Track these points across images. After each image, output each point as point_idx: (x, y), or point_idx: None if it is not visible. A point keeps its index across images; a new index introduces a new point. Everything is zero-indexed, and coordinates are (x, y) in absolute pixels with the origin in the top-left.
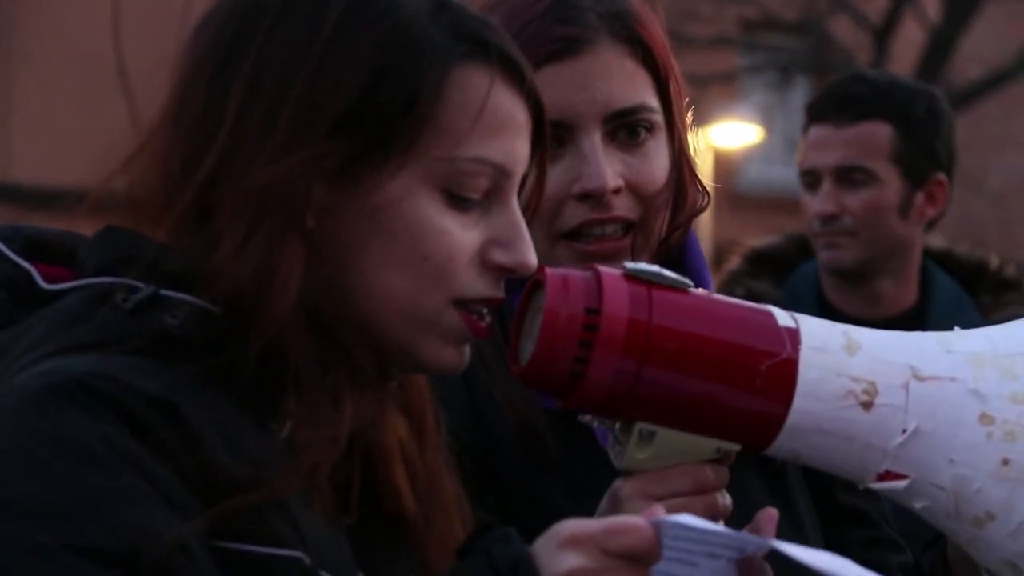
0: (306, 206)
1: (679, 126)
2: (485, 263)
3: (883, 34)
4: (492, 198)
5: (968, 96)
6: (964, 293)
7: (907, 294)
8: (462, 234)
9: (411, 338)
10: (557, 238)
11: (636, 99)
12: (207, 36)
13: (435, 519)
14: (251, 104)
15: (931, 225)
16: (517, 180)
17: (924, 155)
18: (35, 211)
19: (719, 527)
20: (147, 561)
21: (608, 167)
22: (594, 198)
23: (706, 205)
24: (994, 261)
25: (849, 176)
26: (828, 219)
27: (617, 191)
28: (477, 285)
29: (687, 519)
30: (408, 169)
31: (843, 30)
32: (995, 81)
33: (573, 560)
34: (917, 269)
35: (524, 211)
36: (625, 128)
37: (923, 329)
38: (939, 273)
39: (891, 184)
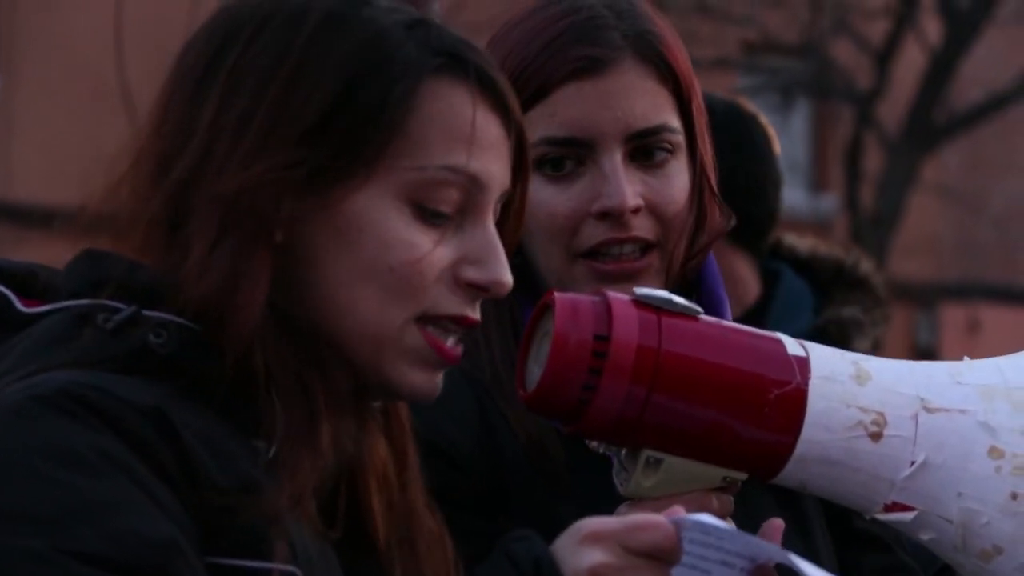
0: (274, 216)
1: (701, 147)
2: (456, 280)
3: (884, 57)
4: (466, 214)
5: (969, 119)
6: (808, 296)
7: (733, 307)
8: (431, 248)
9: (377, 357)
10: (575, 257)
11: (658, 119)
12: (191, 56)
13: (409, 548)
14: (224, 113)
15: (744, 236)
16: (492, 197)
17: None
18: (36, 230)
19: (737, 530)
20: (144, 564)
21: (628, 186)
22: (613, 217)
23: (729, 227)
24: (849, 260)
25: None
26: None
27: (637, 211)
28: (445, 302)
29: (706, 518)
30: (376, 180)
31: (844, 53)
32: (996, 104)
33: (595, 556)
34: (738, 279)
35: (503, 234)
36: (646, 148)
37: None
38: (789, 277)
39: None
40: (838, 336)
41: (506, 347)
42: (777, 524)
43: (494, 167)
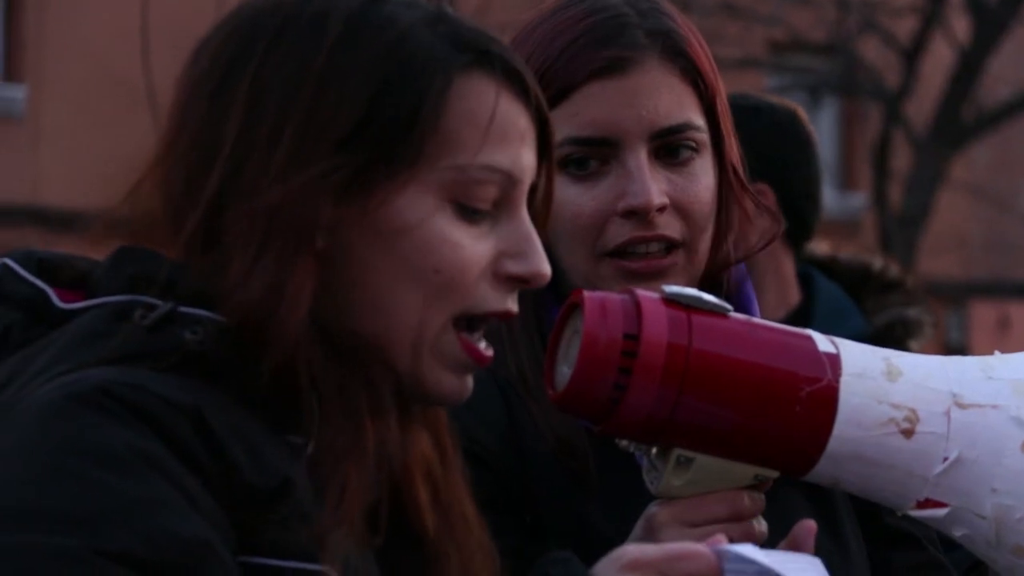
0: (315, 225)
1: (727, 146)
2: (497, 275)
3: (912, 55)
4: (501, 208)
5: (997, 117)
6: (847, 299)
7: (778, 306)
8: (473, 246)
9: (414, 360)
10: (601, 256)
11: (682, 117)
12: (205, 60)
13: (457, 538)
14: (253, 124)
15: (794, 237)
16: (525, 189)
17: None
18: (64, 234)
19: (777, 564)
20: (177, 564)
21: (654, 184)
22: (639, 216)
23: (778, 234)
24: (877, 264)
25: None
26: None
27: (662, 209)
28: (489, 298)
29: (749, 550)
30: (416, 181)
31: (872, 51)
32: None
33: None
34: (786, 281)
35: (533, 222)
36: (670, 146)
37: None
38: (822, 280)
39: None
40: (903, 335)
41: (532, 346)
42: (809, 526)
43: (525, 160)
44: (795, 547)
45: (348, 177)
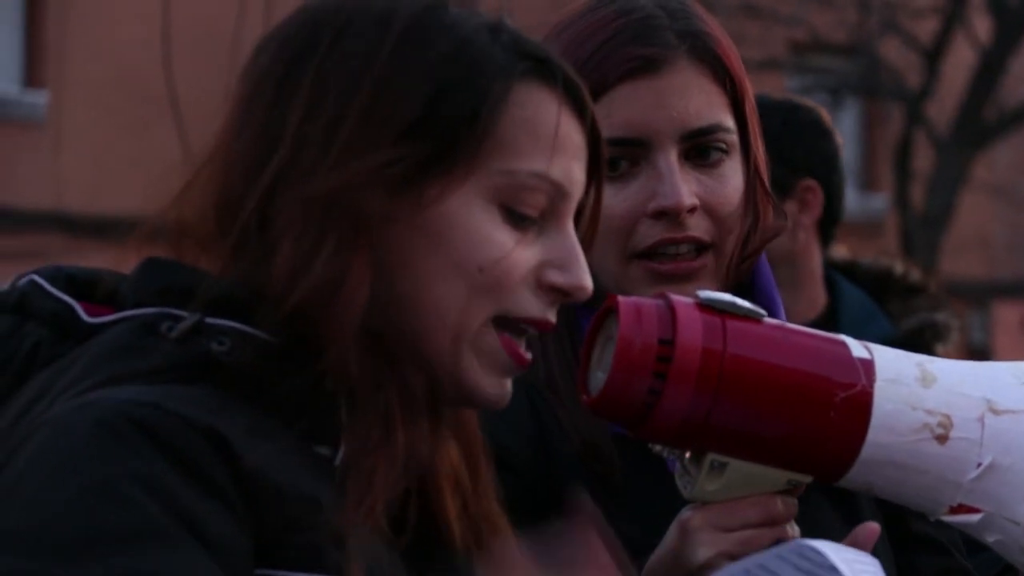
0: (371, 216)
1: (754, 147)
2: (540, 283)
3: (934, 56)
4: (548, 219)
5: (1019, 117)
6: (872, 303)
7: (809, 307)
8: (518, 250)
9: (454, 358)
10: (631, 257)
11: (713, 119)
12: (266, 58)
13: (484, 547)
14: (312, 117)
15: (827, 235)
16: (574, 203)
17: (785, 166)
18: (87, 239)
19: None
20: None
21: (684, 185)
22: (669, 217)
23: (783, 228)
24: (898, 268)
25: None
26: None
27: (693, 210)
28: (527, 304)
29: (822, 544)
30: (468, 181)
31: (893, 52)
32: None
33: None
34: (818, 281)
35: (580, 240)
36: (701, 148)
37: None
38: (846, 284)
39: None
40: (932, 339)
41: (562, 351)
42: (872, 528)
43: (576, 174)
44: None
45: (406, 170)
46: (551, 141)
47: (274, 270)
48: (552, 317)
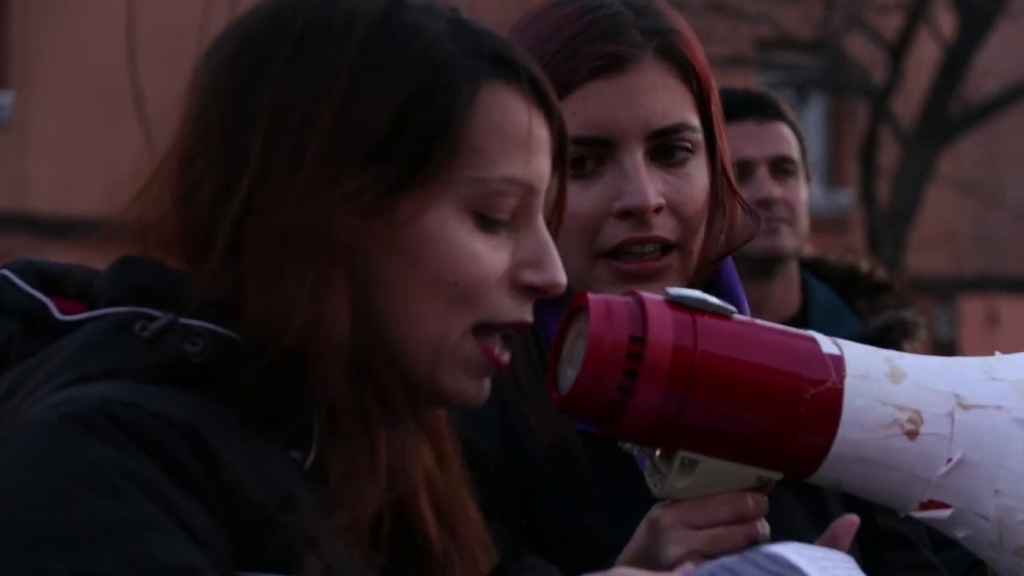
0: (344, 245)
1: (720, 146)
2: (515, 284)
3: (898, 51)
4: (519, 218)
5: (984, 112)
6: (840, 301)
7: (791, 300)
8: (492, 257)
9: (434, 368)
10: (596, 257)
11: (679, 118)
12: (219, 65)
13: (460, 546)
14: (276, 138)
15: None
16: (542, 198)
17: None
18: (51, 240)
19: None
20: None
21: (650, 185)
22: (635, 216)
23: (757, 231)
24: (864, 265)
25: (781, 166)
26: (769, 204)
27: (659, 210)
28: (505, 308)
29: (785, 550)
30: (439, 194)
31: (858, 48)
32: (1011, 96)
33: None
34: (796, 279)
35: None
36: (667, 147)
37: None
38: (815, 281)
39: (802, 180)
40: (900, 337)
41: (527, 350)
42: (851, 521)
43: (544, 169)
44: (833, 543)
45: (376, 195)
46: (521, 143)
47: (251, 294)
48: (529, 316)
